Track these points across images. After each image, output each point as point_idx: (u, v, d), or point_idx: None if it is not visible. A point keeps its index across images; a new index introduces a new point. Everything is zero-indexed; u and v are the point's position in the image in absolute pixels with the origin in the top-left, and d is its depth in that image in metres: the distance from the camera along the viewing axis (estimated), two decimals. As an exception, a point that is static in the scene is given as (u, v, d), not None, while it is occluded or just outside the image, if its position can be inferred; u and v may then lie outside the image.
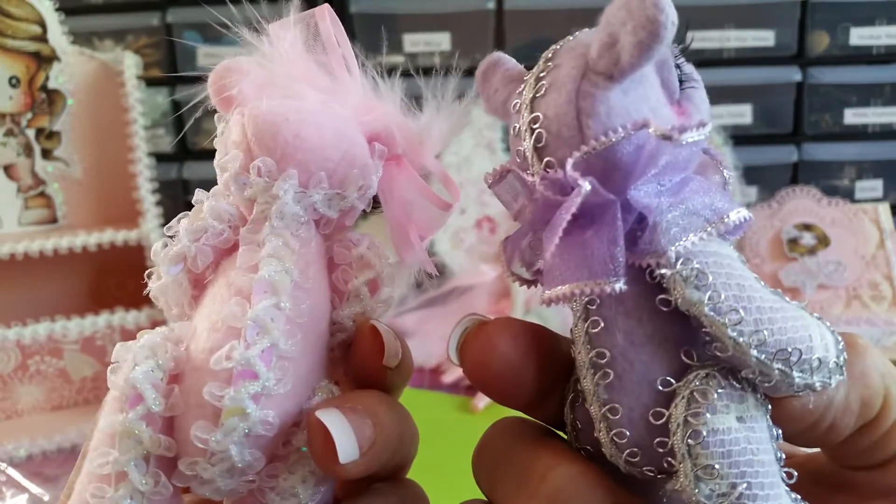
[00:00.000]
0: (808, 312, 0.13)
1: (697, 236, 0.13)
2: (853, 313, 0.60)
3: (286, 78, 0.18)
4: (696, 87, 0.15)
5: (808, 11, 0.65)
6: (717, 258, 0.13)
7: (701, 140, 0.13)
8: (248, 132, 0.17)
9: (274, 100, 0.17)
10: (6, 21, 0.48)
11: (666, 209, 0.13)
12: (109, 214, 0.53)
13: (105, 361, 0.51)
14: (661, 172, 0.13)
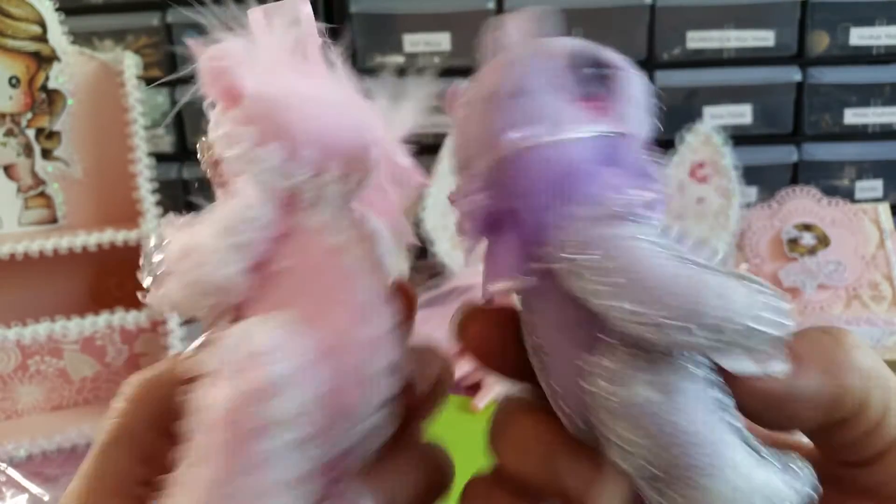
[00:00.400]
0: (741, 280, 0.13)
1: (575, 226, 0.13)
2: (853, 313, 0.60)
3: (285, 62, 0.17)
4: (618, 76, 0.15)
5: (808, 11, 0.65)
6: (607, 241, 0.13)
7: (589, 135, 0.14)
8: (261, 115, 0.16)
9: (283, 81, 0.16)
10: (6, 21, 0.48)
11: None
12: (109, 214, 0.53)
13: (105, 361, 0.51)
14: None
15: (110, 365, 0.52)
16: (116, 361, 0.52)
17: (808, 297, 0.61)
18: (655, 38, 0.66)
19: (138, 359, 0.52)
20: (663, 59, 0.67)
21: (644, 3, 0.65)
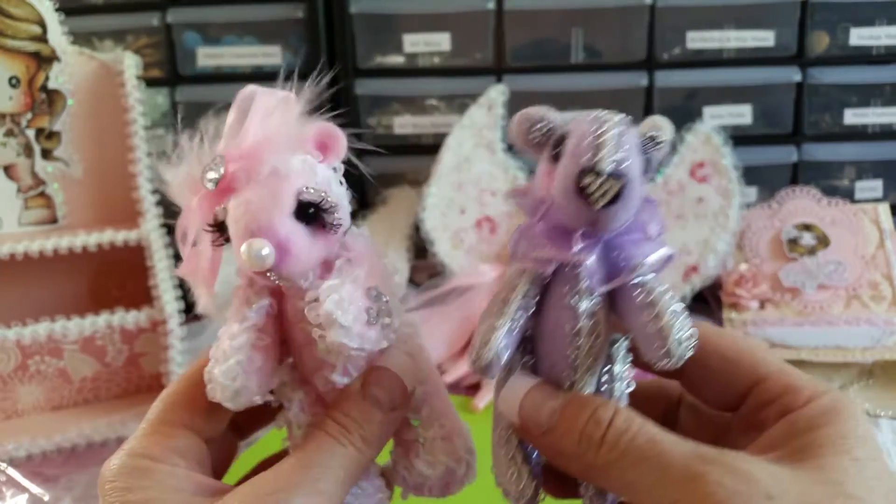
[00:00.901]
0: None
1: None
2: (853, 313, 0.60)
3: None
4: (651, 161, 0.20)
5: (807, 12, 0.65)
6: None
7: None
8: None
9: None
10: (6, 21, 0.48)
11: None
12: (110, 214, 0.53)
13: (105, 361, 0.51)
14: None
15: (110, 365, 0.52)
16: (116, 361, 0.52)
17: (808, 297, 0.61)
18: (655, 38, 0.66)
19: (138, 358, 0.52)
20: (663, 59, 0.67)
21: (644, 3, 0.65)
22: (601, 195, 0.17)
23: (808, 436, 0.19)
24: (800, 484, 0.17)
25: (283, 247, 0.19)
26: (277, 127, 0.20)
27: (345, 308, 0.19)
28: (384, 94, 0.68)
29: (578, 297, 0.19)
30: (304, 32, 0.67)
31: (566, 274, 0.19)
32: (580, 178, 0.18)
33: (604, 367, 0.20)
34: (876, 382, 0.51)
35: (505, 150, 0.67)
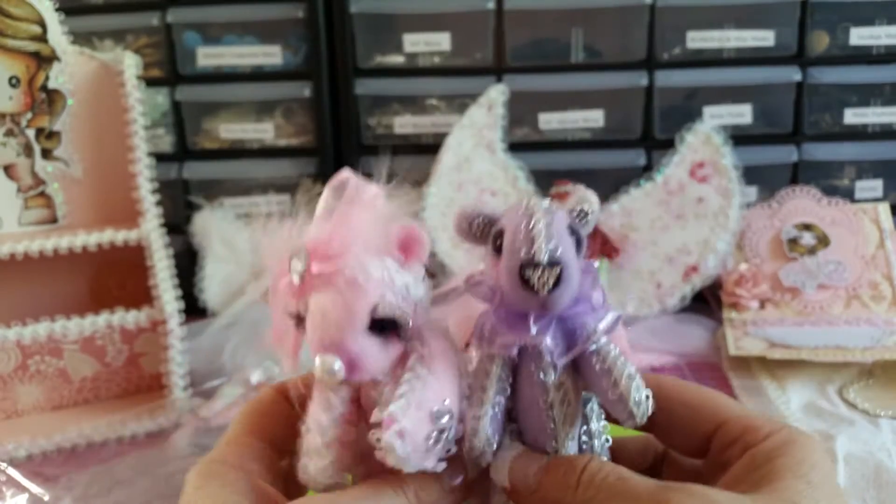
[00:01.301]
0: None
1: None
2: (853, 313, 0.60)
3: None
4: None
5: (807, 11, 0.65)
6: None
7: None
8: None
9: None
10: (6, 21, 0.48)
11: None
12: (110, 214, 0.53)
13: (105, 361, 0.51)
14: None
15: (110, 365, 0.52)
16: (116, 361, 0.52)
17: (808, 296, 0.61)
18: (655, 38, 0.66)
19: (138, 358, 0.52)
20: (663, 58, 0.67)
21: (644, 2, 0.65)
22: (542, 284, 0.20)
23: (767, 466, 0.20)
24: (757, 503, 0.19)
25: (353, 363, 0.20)
26: (364, 228, 0.21)
27: (405, 439, 0.20)
28: (384, 93, 0.68)
29: (544, 373, 0.21)
30: (305, 32, 0.67)
31: (530, 353, 0.21)
32: (521, 272, 0.20)
33: (581, 428, 0.22)
34: (876, 382, 0.51)
35: (505, 150, 0.67)
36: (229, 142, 0.70)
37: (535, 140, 0.69)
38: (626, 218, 0.65)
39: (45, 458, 0.46)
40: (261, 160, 0.69)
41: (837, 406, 0.48)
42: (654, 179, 0.65)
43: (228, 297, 0.63)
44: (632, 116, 0.68)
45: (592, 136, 0.69)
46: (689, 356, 0.57)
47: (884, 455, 0.41)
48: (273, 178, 0.70)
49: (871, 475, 0.39)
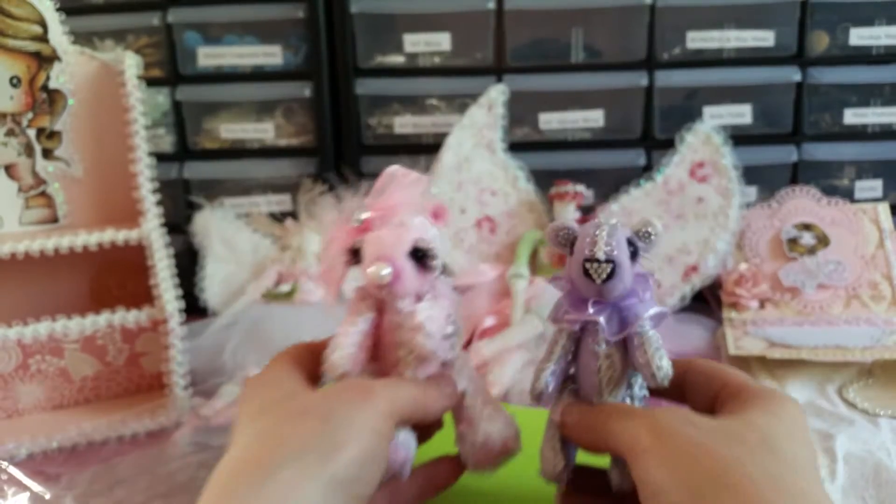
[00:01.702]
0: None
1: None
2: (852, 313, 0.60)
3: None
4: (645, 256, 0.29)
5: (807, 12, 0.65)
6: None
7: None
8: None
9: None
10: (7, 21, 0.48)
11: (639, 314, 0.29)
12: (110, 214, 0.53)
13: (106, 360, 0.52)
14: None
15: (111, 364, 0.52)
16: (117, 360, 0.52)
17: (808, 296, 0.61)
18: (655, 38, 0.66)
19: (139, 358, 0.52)
20: (663, 58, 0.67)
21: (644, 2, 0.65)
22: (598, 275, 0.27)
23: (744, 404, 0.26)
24: (720, 421, 0.26)
25: (398, 272, 0.29)
26: (409, 195, 0.30)
27: (431, 322, 0.29)
28: (384, 93, 0.68)
29: (597, 344, 0.29)
30: (305, 32, 0.67)
31: (589, 329, 0.29)
32: (584, 265, 0.27)
33: (626, 391, 0.30)
34: (876, 382, 0.51)
35: (505, 150, 0.67)
36: (230, 142, 0.70)
37: (536, 140, 0.69)
38: (626, 217, 0.65)
39: (46, 458, 0.46)
40: (261, 160, 0.70)
41: (837, 405, 0.48)
42: (653, 179, 0.65)
43: (229, 297, 0.63)
44: (632, 116, 0.68)
45: (592, 135, 0.69)
46: (689, 355, 0.57)
47: (883, 454, 0.41)
48: (273, 178, 0.70)
49: (870, 474, 0.39)
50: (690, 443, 0.24)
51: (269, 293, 0.61)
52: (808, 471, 0.24)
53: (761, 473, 0.22)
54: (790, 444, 0.24)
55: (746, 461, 0.23)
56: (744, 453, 0.23)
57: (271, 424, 0.27)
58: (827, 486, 0.39)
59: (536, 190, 0.67)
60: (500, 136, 0.66)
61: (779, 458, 0.23)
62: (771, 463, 0.23)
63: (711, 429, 0.25)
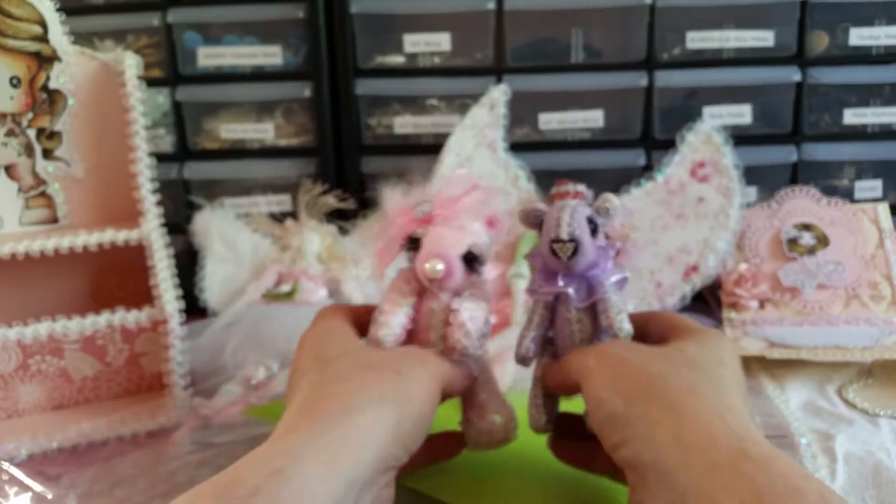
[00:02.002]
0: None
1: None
2: (852, 313, 0.60)
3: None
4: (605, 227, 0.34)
5: (807, 12, 0.65)
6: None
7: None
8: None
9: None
10: (7, 21, 0.48)
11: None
12: (110, 214, 0.53)
13: (106, 361, 0.52)
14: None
15: (111, 364, 0.52)
16: (117, 361, 0.52)
17: (808, 296, 0.62)
18: (655, 38, 0.66)
19: (139, 358, 0.52)
20: (663, 59, 0.67)
21: (644, 3, 0.65)
22: (563, 253, 0.32)
23: (681, 336, 0.31)
24: (654, 347, 0.31)
25: (450, 270, 0.32)
26: (472, 200, 0.34)
27: (473, 322, 0.33)
28: (384, 93, 0.69)
29: (569, 311, 0.33)
30: (305, 32, 0.67)
31: (562, 299, 0.33)
32: (551, 245, 0.32)
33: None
34: (875, 381, 0.51)
35: (506, 150, 0.67)
36: (230, 142, 0.70)
37: (536, 140, 0.69)
38: (627, 217, 0.65)
39: (46, 458, 0.46)
40: (261, 160, 0.70)
41: (837, 405, 0.48)
42: (654, 179, 0.65)
43: (229, 297, 0.63)
44: (631, 116, 0.68)
45: (592, 136, 0.69)
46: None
47: (883, 454, 0.41)
48: (273, 178, 0.70)
49: (870, 474, 0.39)
50: (626, 363, 0.29)
51: (270, 293, 0.61)
52: (726, 385, 0.28)
53: (682, 384, 0.27)
54: (711, 364, 0.29)
55: (670, 375, 0.28)
56: (669, 369, 0.28)
57: (346, 371, 0.29)
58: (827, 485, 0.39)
59: (537, 189, 0.67)
60: (501, 136, 0.66)
61: (699, 373, 0.28)
62: (691, 375, 0.28)
63: (645, 352, 0.30)
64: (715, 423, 0.25)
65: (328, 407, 0.27)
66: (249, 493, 0.23)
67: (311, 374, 0.30)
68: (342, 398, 0.27)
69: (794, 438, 0.43)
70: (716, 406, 0.26)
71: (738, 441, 0.25)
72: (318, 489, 0.24)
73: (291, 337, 0.52)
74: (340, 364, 0.30)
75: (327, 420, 0.26)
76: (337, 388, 0.28)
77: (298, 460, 0.24)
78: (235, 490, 0.23)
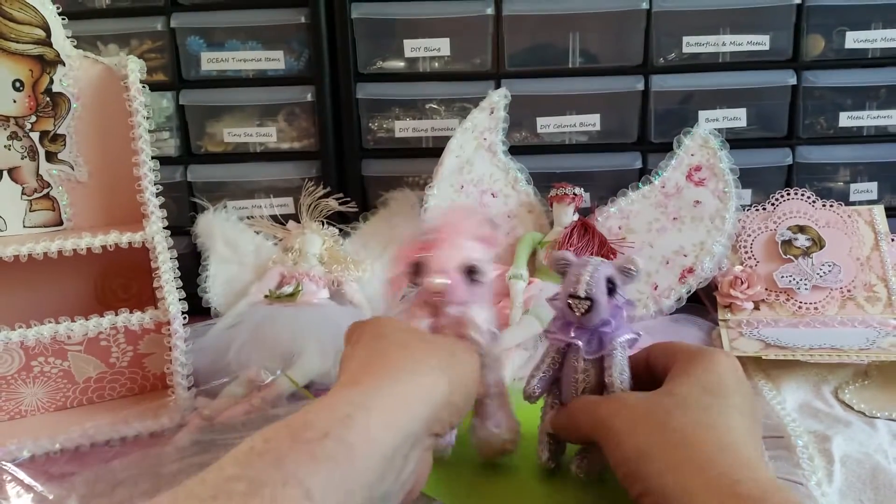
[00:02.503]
0: None
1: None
2: (848, 314, 0.61)
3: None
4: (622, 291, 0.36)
5: (803, 15, 0.66)
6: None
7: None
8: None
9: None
10: (9, 25, 0.49)
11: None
12: (114, 217, 0.53)
13: (109, 362, 0.52)
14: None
15: (114, 365, 0.52)
16: (121, 362, 0.52)
17: (803, 298, 0.62)
18: (651, 43, 0.67)
19: (143, 359, 0.53)
20: (659, 63, 0.67)
21: (640, 7, 0.65)
22: (578, 308, 0.35)
23: (676, 369, 0.34)
24: (649, 396, 0.33)
25: (452, 284, 0.36)
26: (465, 225, 0.38)
27: (482, 321, 0.37)
28: (385, 97, 0.69)
29: (577, 360, 0.36)
30: (307, 37, 0.67)
31: (573, 347, 0.36)
32: (568, 298, 0.35)
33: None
34: (872, 383, 0.51)
35: (505, 153, 0.68)
36: (233, 145, 0.70)
37: (533, 143, 0.70)
38: (624, 220, 0.66)
39: (49, 459, 0.46)
40: (264, 163, 0.70)
41: (833, 407, 0.48)
42: (651, 182, 0.66)
43: (232, 298, 0.63)
44: (628, 120, 0.68)
45: (589, 139, 0.69)
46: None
47: (881, 456, 0.41)
48: (275, 181, 0.70)
49: (867, 477, 0.39)
50: (634, 415, 0.32)
51: (272, 294, 0.62)
52: (723, 420, 0.30)
53: (675, 436, 0.30)
54: (707, 402, 0.31)
55: (665, 419, 0.31)
56: (663, 414, 0.31)
57: (407, 341, 0.32)
58: (824, 488, 0.39)
59: (535, 191, 0.67)
60: (501, 139, 0.67)
61: (692, 416, 0.30)
62: (681, 417, 0.30)
63: (643, 403, 0.33)
64: (705, 471, 0.27)
65: (391, 365, 0.30)
66: (319, 435, 0.25)
67: (371, 343, 0.32)
68: (404, 361, 0.30)
69: (791, 440, 0.43)
70: (710, 451, 0.28)
71: (730, 485, 0.26)
72: (381, 436, 0.26)
73: (294, 337, 0.53)
74: (400, 336, 0.33)
75: (390, 376, 0.29)
76: (399, 352, 0.31)
77: (364, 409, 0.27)
78: (307, 433, 0.25)
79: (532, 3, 0.66)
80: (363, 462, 0.25)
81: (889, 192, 0.71)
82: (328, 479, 0.24)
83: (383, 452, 0.26)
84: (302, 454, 0.24)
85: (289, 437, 0.25)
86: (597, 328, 0.35)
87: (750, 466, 0.28)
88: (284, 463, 0.24)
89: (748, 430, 0.30)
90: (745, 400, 0.32)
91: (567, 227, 0.63)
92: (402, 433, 0.27)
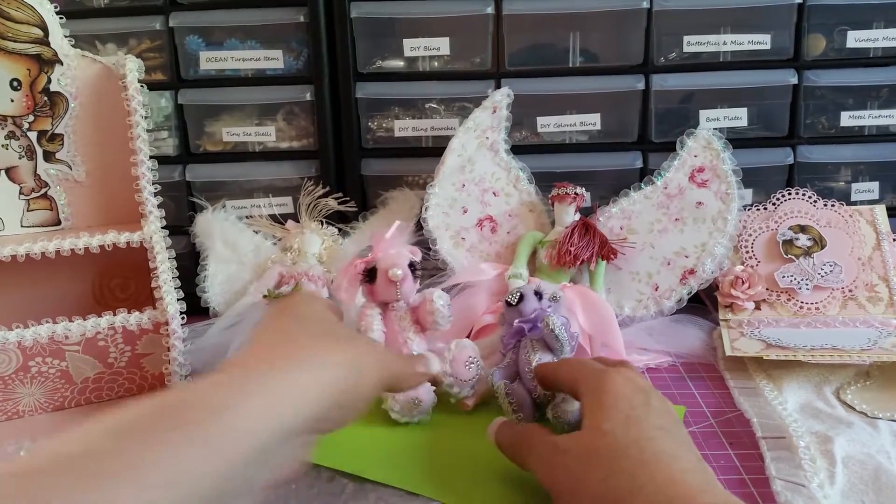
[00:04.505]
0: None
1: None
2: (849, 314, 0.60)
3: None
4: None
5: (804, 15, 0.66)
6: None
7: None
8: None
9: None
10: (7, 24, 0.49)
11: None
12: (113, 216, 0.53)
13: (107, 362, 0.52)
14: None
15: (112, 365, 0.52)
16: (119, 362, 0.52)
17: (804, 298, 0.62)
18: (652, 42, 0.67)
19: (141, 359, 0.53)
20: (660, 62, 0.67)
21: (641, 7, 0.65)
22: (512, 297, 0.48)
23: (579, 389, 0.37)
24: (576, 436, 0.35)
25: (405, 273, 0.48)
26: (397, 237, 0.49)
27: (443, 304, 0.48)
28: (384, 97, 0.69)
29: (526, 350, 0.47)
30: (306, 36, 0.67)
31: (521, 342, 0.48)
32: (507, 304, 0.48)
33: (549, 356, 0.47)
34: (874, 384, 0.51)
35: (507, 151, 0.67)
36: (232, 144, 0.70)
37: (534, 143, 0.69)
38: (625, 220, 0.65)
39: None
40: (263, 163, 0.70)
41: (835, 407, 0.48)
42: (653, 183, 0.66)
43: (231, 298, 0.63)
44: (628, 120, 0.68)
45: (589, 138, 0.69)
46: (686, 357, 0.58)
47: (883, 457, 0.41)
48: (274, 181, 0.70)
49: (870, 478, 0.39)
50: (563, 463, 0.34)
51: (271, 294, 0.61)
52: (648, 449, 0.31)
53: (577, 477, 0.32)
54: (604, 450, 0.32)
55: (575, 472, 0.32)
56: (574, 467, 0.33)
57: (316, 331, 0.33)
58: (826, 489, 0.38)
59: (536, 190, 0.67)
60: (503, 138, 0.67)
61: (593, 465, 0.32)
62: (584, 469, 0.32)
63: (563, 452, 0.34)
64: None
65: (296, 353, 0.30)
66: (193, 420, 0.25)
67: (286, 323, 0.33)
68: (308, 351, 0.30)
69: (793, 440, 0.43)
70: (667, 490, 0.29)
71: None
72: (255, 427, 0.26)
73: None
74: (315, 325, 0.33)
75: (288, 366, 0.29)
76: (307, 341, 0.31)
77: (246, 396, 0.27)
78: (185, 414, 0.25)
79: (532, 3, 0.66)
80: (230, 453, 0.25)
81: (890, 192, 0.70)
82: (187, 465, 0.23)
83: (254, 444, 0.26)
84: (168, 436, 0.24)
85: (164, 418, 0.25)
86: (529, 319, 0.46)
87: (708, 491, 0.29)
88: (148, 444, 0.23)
89: (682, 444, 0.32)
90: (662, 415, 0.34)
91: (568, 226, 0.63)
92: (281, 427, 0.27)
